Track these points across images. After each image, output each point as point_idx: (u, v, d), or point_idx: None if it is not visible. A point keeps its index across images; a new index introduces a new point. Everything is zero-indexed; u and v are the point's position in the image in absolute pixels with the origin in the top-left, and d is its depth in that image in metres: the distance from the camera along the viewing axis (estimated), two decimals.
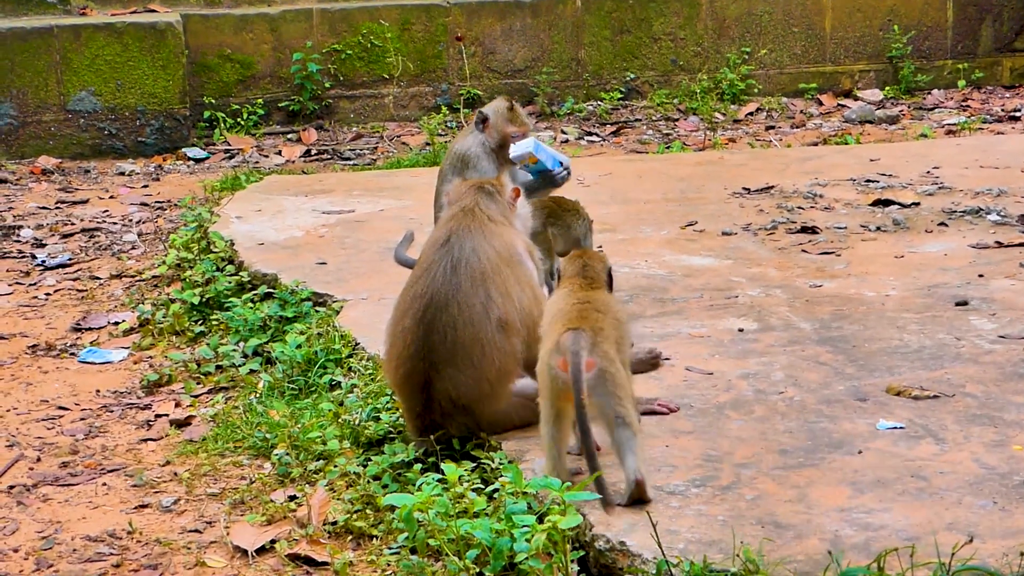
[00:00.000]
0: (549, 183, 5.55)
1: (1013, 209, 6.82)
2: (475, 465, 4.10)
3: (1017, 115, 10.25)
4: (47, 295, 6.74)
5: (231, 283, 6.16)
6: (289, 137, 10.08)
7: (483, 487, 3.93)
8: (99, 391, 5.48)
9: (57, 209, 8.38)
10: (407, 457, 4.24)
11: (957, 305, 5.35)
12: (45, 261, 7.26)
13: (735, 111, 10.49)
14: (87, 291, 6.77)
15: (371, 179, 8.35)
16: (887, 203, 7.03)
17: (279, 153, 9.71)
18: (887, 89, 10.91)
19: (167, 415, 5.17)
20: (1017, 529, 3.53)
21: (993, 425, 4.20)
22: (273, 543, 4.00)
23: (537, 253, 4.58)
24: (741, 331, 5.14)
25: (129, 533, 4.17)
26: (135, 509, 4.37)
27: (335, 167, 9.29)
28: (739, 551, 3.38)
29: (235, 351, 5.56)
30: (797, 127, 10.17)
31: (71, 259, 7.30)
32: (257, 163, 9.44)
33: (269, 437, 4.69)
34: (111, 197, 8.68)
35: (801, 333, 5.10)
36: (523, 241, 4.56)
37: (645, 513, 3.54)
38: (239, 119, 10.05)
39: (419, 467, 4.16)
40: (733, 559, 3.37)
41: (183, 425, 5.05)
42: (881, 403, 4.40)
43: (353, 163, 9.42)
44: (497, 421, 4.27)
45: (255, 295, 5.98)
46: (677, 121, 10.32)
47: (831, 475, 3.89)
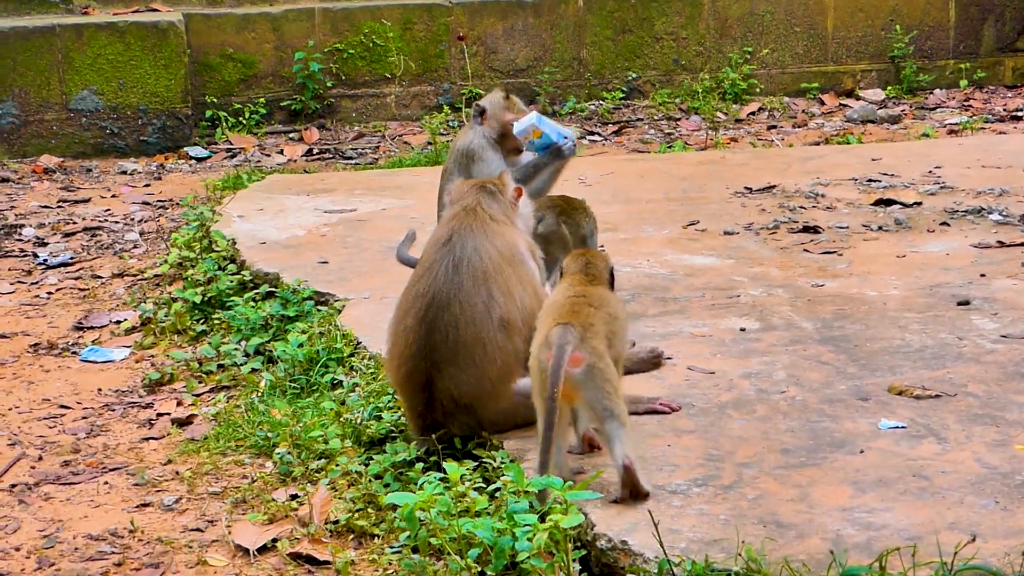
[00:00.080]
0: (556, 156, 5.57)
1: (1015, 209, 6.81)
2: (477, 464, 4.10)
3: (1019, 115, 10.25)
4: (49, 294, 6.74)
5: (233, 282, 6.16)
6: (291, 136, 10.08)
7: (485, 486, 3.93)
8: (101, 390, 5.48)
9: (59, 208, 8.39)
10: (409, 456, 4.24)
11: (959, 305, 5.35)
12: (47, 260, 7.26)
13: (737, 111, 10.48)
14: (89, 290, 6.77)
15: (373, 178, 8.35)
16: (889, 203, 7.03)
17: (281, 152, 9.71)
18: (889, 89, 10.91)
19: (169, 414, 5.16)
20: (1019, 528, 3.53)
21: (995, 425, 4.19)
22: (275, 542, 4.00)
23: (539, 252, 4.58)
24: (743, 330, 5.13)
25: (131, 532, 4.17)
26: (137, 508, 4.37)
27: (337, 166, 9.29)
28: (741, 550, 3.37)
29: (237, 350, 5.56)
30: (799, 127, 10.17)
31: (73, 258, 7.30)
32: (259, 162, 9.44)
33: (271, 436, 4.69)
34: (113, 196, 8.68)
35: (803, 332, 5.10)
36: (525, 240, 4.55)
37: (647, 512, 3.54)
38: (241, 118, 10.05)
39: (421, 466, 4.16)
40: (735, 558, 3.37)
41: (185, 424, 5.05)
42: (883, 403, 4.39)
43: (355, 162, 9.42)
44: (499, 420, 4.27)
45: (257, 294, 5.98)
46: (679, 120, 10.32)
47: (833, 474, 3.89)
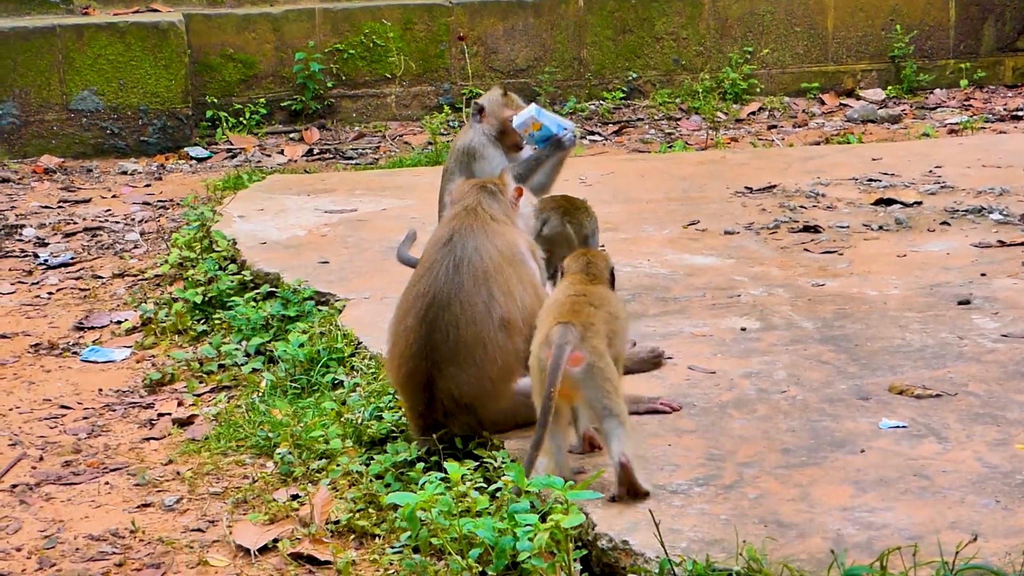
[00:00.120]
0: (557, 147, 5.59)
1: (1015, 208, 6.81)
2: (478, 464, 4.10)
3: (1019, 114, 10.25)
4: (49, 294, 6.74)
5: (233, 282, 6.16)
6: (291, 136, 10.08)
7: (486, 486, 3.93)
8: (101, 390, 5.48)
9: (59, 208, 8.39)
10: (410, 456, 4.24)
11: (959, 304, 5.35)
12: (47, 260, 7.26)
13: (737, 110, 10.49)
14: (89, 290, 6.77)
15: (373, 178, 8.35)
16: (889, 202, 7.03)
17: (281, 152, 9.71)
18: (889, 88, 10.91)
19: (169, 414, 5.17)
20: (1020, 528, 3.52)
21: (996, 424, 4.19)
22: (276, 542, 4.00)
23: (539, 252, 4.58)
24: (743, 330, 5.13)
25: (132, 532, 4.17)
26: (137, 508, 4.37)
27: (337, 166, 9.29)
28: (742, 550, 3.37)
29: (237, 350, 5.56)
30: (799, 126, 10.17)
31: (73, 258, 7.30)
32: (259, 162, 9.45)
33: (272, 436, 4.69)
34: (113, 196, 8.68)
35: (803, 332, 5.10)
36: (525, 240, 4.55)
37: (647, 512, 3.54)
38: (241, 118, 10.05)
39: (422, 466, 4.16)
40: (736, 558, 3.36)
41: (186, 424, 5.05)
42: (883, 402, 4.39)
43: (355, 162, 9.42)
44: (499, 420, 4.27)
45: (257, 294, 5.98)
46: (679, 120, 10.32)
47: (834, 474, 3.89)
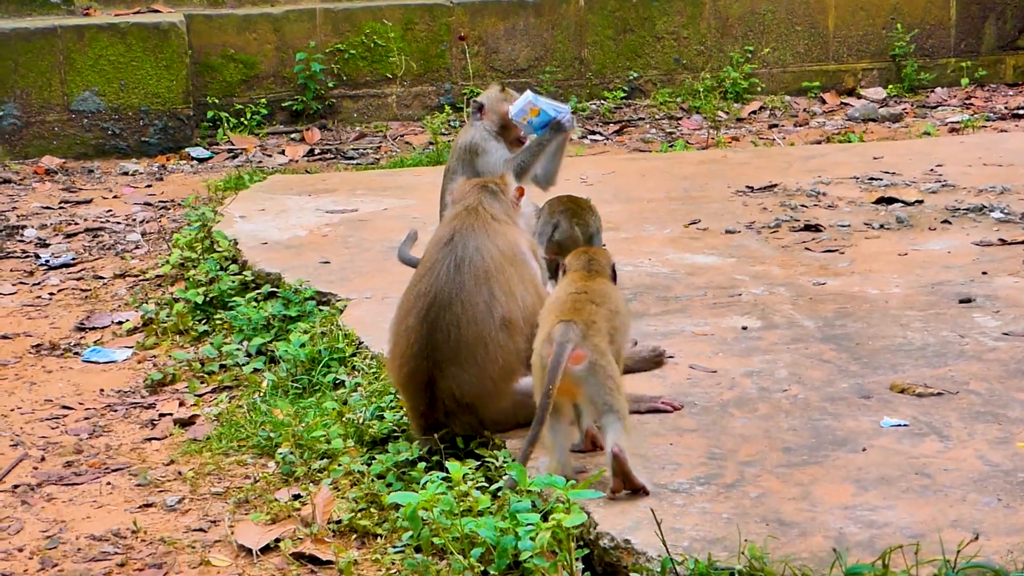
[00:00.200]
0: (557, 130, 5.59)
1: (1016, 207, 6.81)
2: (479, 463, 4.10)
3: (1020, 113, 10.24)
4: (51, 295, 6.74)
5: (235, 282, 6.16)
6: (292, 137, 10.09)
7: (487, 485, 3.93)
8: (103, 390, 5.48)
9: (61, 209, 8.39)
10: (411, 456, 4.24)
11: (961, 302, 5.35)
12: (49, 261, 7.26)
13: (738, 110, 10.48)
14: (91, 291, 6.77)
15: (374, 178, 8.35)
16: (890, 201, 7.03)
17: (282, 153, 9.71)
18: (890, 87, 10.91)
19: (171, 414, 5.17)
20: (1022, 526, 3.52)
21: (997, 422, 4.19)
22: (277, 542, 4.01)
23: (540, 252, 4.58)
24: (745, 329, 5.13)
25: (133, 532, 4.17)
26: (139, 508, 4.37)
27: (338, 166, 9.29)
28: (743, 549, 3.37)
29: (239, 350, 5.56)
30: (800, 125, 10.17)
31: (75, 259, 7.30)
32: (260, 163, 9.45)
33: (273, 436, 4.69)
34: (115, 197, 8.68)
35: (805, 331, 5.09)
36: (526, 240, 4.55)
37: (649, 511, 3.54)
38: (242, 119, 10.05)
39: (423, 465, 4.16)
40: (738, 557, 3.36)
41: (187, 424, 5.05)
42: (885, 400, 4.39)
43: (356, 162, 9.42)
44: (501, 419, 4.27)
45: (259, 294, 5.98)
46: (680, 120, 10.32)
47: (835, 473, 3.88)
